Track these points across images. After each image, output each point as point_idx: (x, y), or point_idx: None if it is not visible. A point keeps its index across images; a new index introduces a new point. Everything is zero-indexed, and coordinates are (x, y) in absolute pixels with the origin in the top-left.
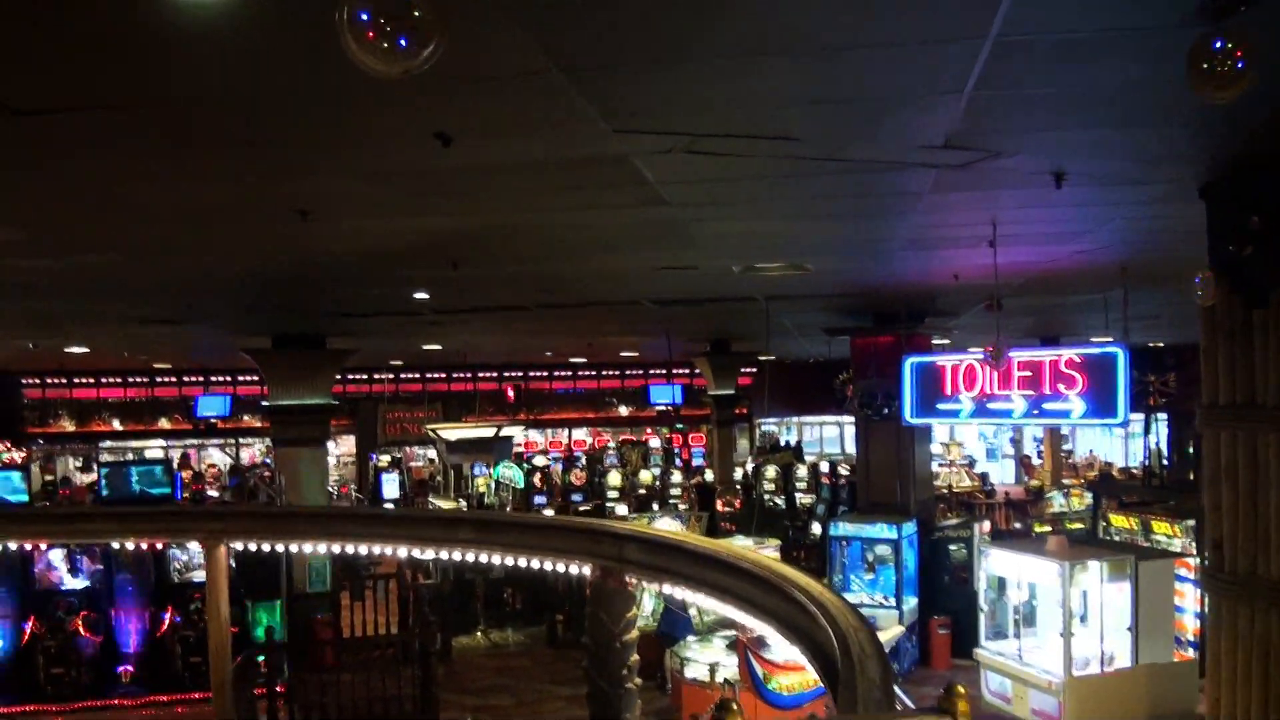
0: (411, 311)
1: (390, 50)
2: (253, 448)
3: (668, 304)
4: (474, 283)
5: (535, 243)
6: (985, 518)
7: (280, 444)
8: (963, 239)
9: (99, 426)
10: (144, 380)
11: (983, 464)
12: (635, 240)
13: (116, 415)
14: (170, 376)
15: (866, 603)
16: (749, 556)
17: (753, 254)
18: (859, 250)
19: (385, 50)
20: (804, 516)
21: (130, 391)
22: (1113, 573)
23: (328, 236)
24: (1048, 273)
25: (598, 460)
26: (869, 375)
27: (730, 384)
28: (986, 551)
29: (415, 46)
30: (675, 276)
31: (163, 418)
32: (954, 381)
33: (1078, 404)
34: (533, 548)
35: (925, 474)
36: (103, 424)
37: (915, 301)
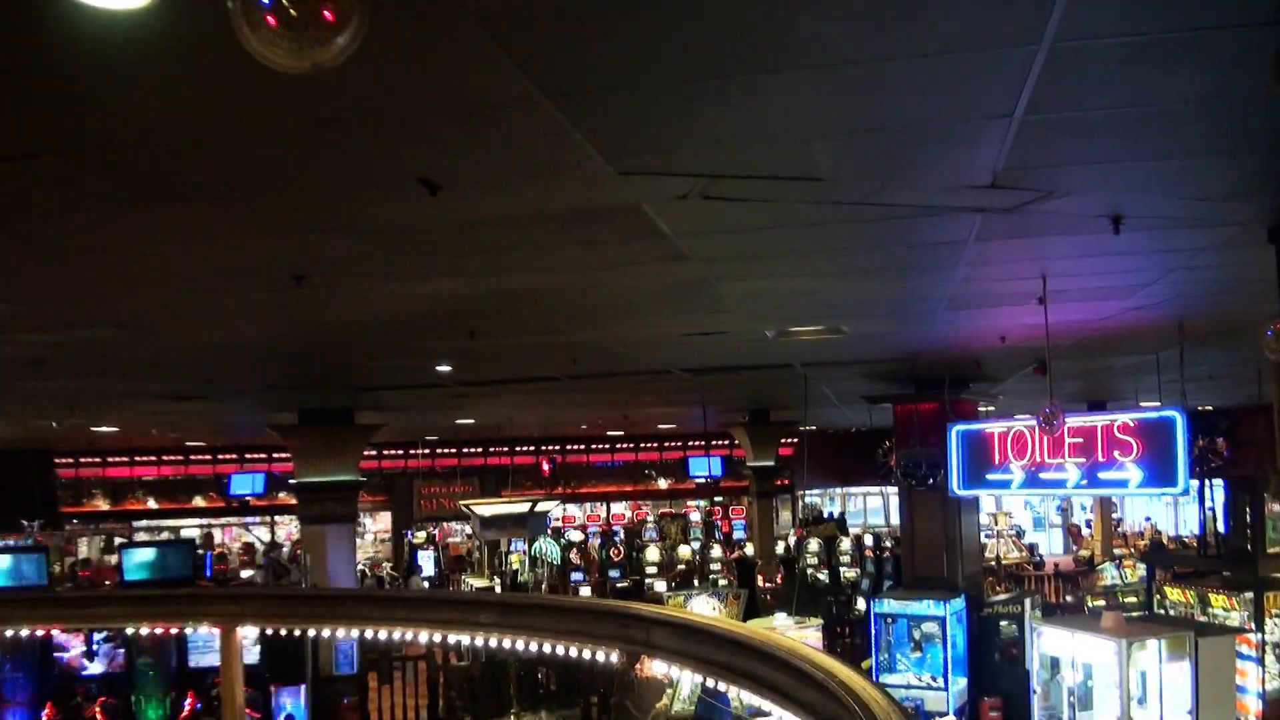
0: (436, 384)
1: (297, 37)
2: (290, 525)
3: (701, 373)
4: (496, 353)
5: (552, 308)
6: (1035, 591)
7: (307, 522)
8: (1010, 296)
9: (133, 505)
10: (178, 458)
11: (1030, 534)
12: (659, 302)
13: (151, 494)
14: (205, 454)
15: (913, 683)
16: (784, 645)
17: (784, 317)
18: (898, 310)
19: (290, 37)
20: (848, 591)
21: (164, 470)
22: (1172, 650)
23: (331, 304)
24: (1100, 332)
25: (636, 534)
26: (912, 444)
27: (770, 454)
28: (1039, 630)
29: (327, 31)
30: (706, 343)
31: (198, 496)
32: (1003, 450)
33: (1134, 472)
34: (557, 632)
35: (973, 546)
36: (137, 503)
37: (959, 366)
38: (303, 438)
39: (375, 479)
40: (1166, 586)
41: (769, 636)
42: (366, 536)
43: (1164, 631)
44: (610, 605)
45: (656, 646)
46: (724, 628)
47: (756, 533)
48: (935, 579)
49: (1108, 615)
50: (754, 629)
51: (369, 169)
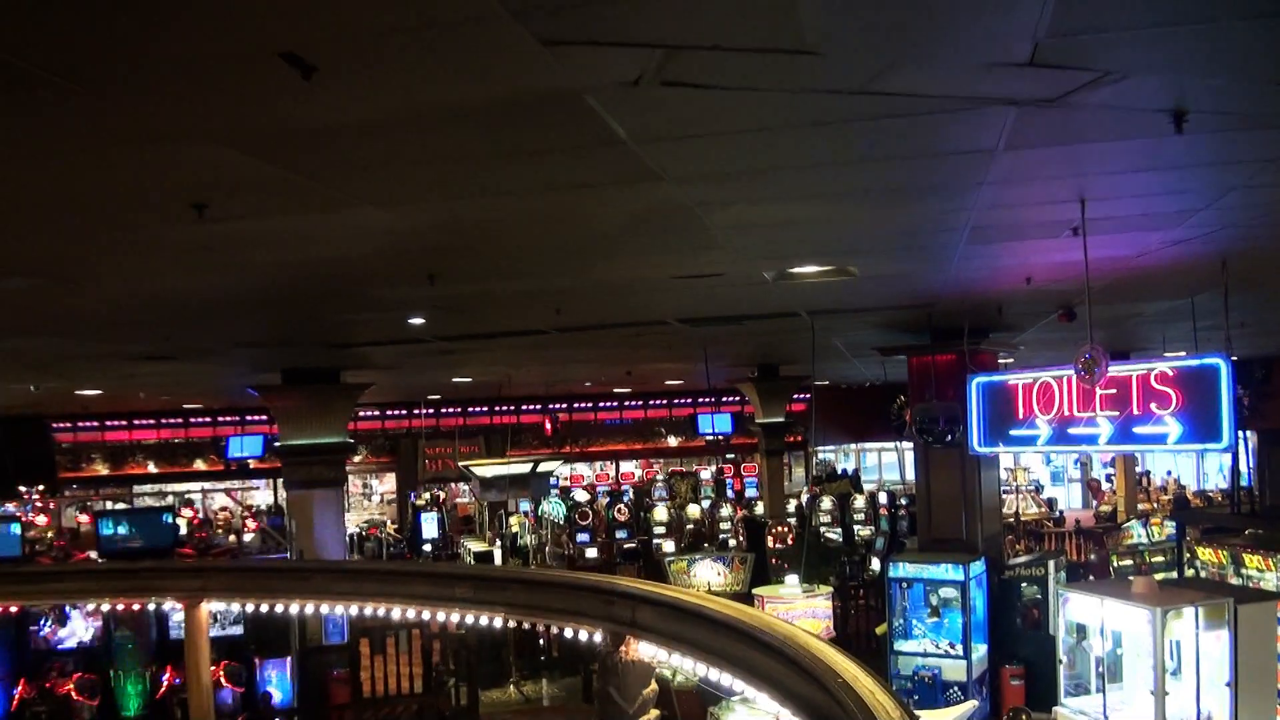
0: (416, 339)
1: None
2: None
3: (699, 323)
4: (468, 303)
5: (512, 246)
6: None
7: (293, 486)
8: (1041, 226)
9: (133, 469)
10: (178, 421)
11: (1048, 489)
12: (636, 237)
13: (151, 458)
14: (205, 417)
15: (930, 650)
16: (783, 633)
17: (783, 254)
18: (913, 246)
19: None
20: (862, 551)
21: (163, 433)
22: (1209, 619)
23: (254, 243)
24: (1135, 272)
25: (646, 493)
26: (928, 398)
27: (779, 411)
28: (1065, 596)
29: None
30: (701, 289)
31: (199, 459)
32: (1028, 403)
33: (1173, 426)
34: (536, 608)
35: (993, 505)
36: (137, 466)
37: (979, 314)
38: (286, 398)
39: (379, 440)
40: (1197, 546)
41: (768, 623)
42: (374, 498)
43: (1201, 598)
44: (593, 580)
45: (643, 627)
46: (717, 609)
47: (766, 491)
48: (953, 540)
49: (1139, 580)
50: (750, 612)
51: (227, 41)
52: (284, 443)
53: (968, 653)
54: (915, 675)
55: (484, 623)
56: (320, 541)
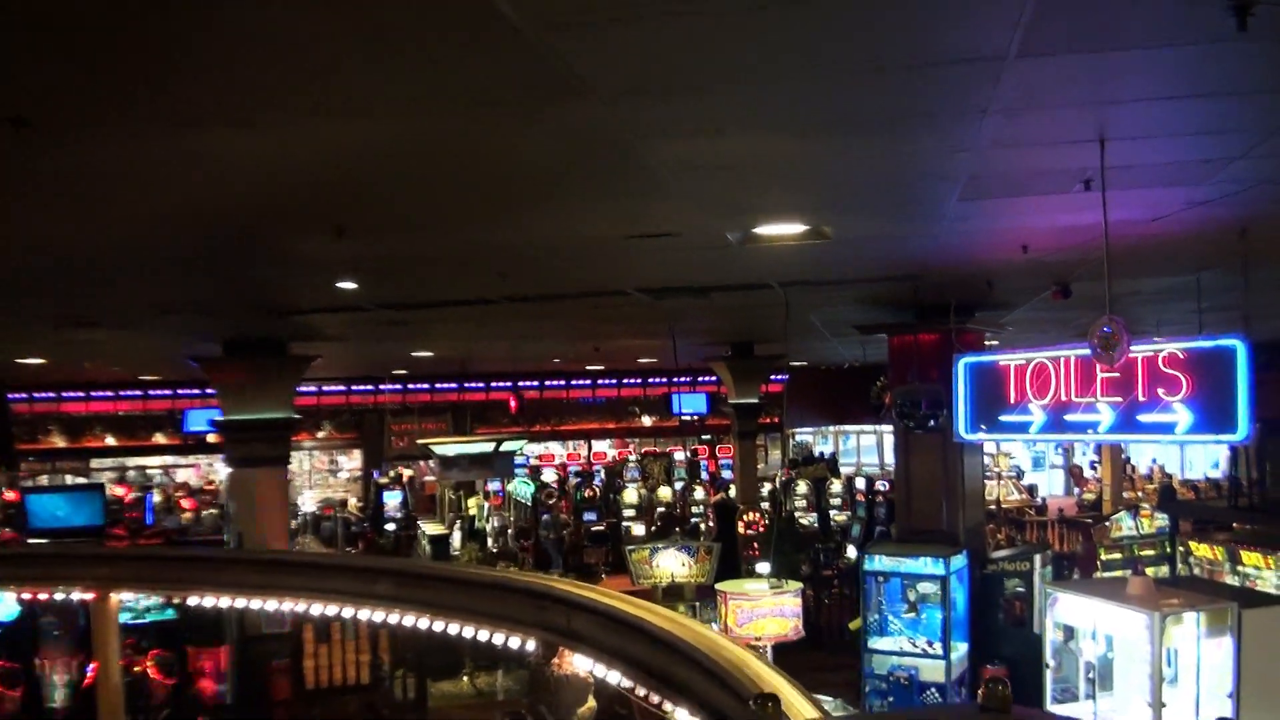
0: (356, 307)
1: None
2: None
3: (662, 294)
4: (397, 265)
5: (422, 187)
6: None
7: (234, 464)
8: (1047, 176)
9: (91, 442)
10: (136, 393)
11: (1028, 475)
12: (570, 179)
13: (110, 430)
14: (164, 389)
15: (907, 649)
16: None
17: (746, 206)
18: (897, 199)
19: None
20: (837, 538)
21: (122, 405)
22: (1211, 624)
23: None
24: (1145, 240)
25: (618, 474)
26: (910, 380)
27: (753, 392)
28: (1054, 596)
29: None
30: (659, 253)
31: (158, 433)
32: (1020, 386)
33: (1183, 414)
34: (464, 611)
35: (976, 494)
36: (95, 439)
37: (967, 288)
38: (227, 370)
39: (344, 415)
40: (1192, 541)
41: (714, 645)
42: (340, 474)
43: (1203, 602)
44: (527, 582)
45: (579, 637)
46: (657, 624)
47: (739, 475)
48: (933, 531)
49: (1135, 581)
50: (698, 631)
51: None
52: (225, 418)
53: (947, 652)
54: (891, 675)
55: (407, 623)
56: (263, 524)
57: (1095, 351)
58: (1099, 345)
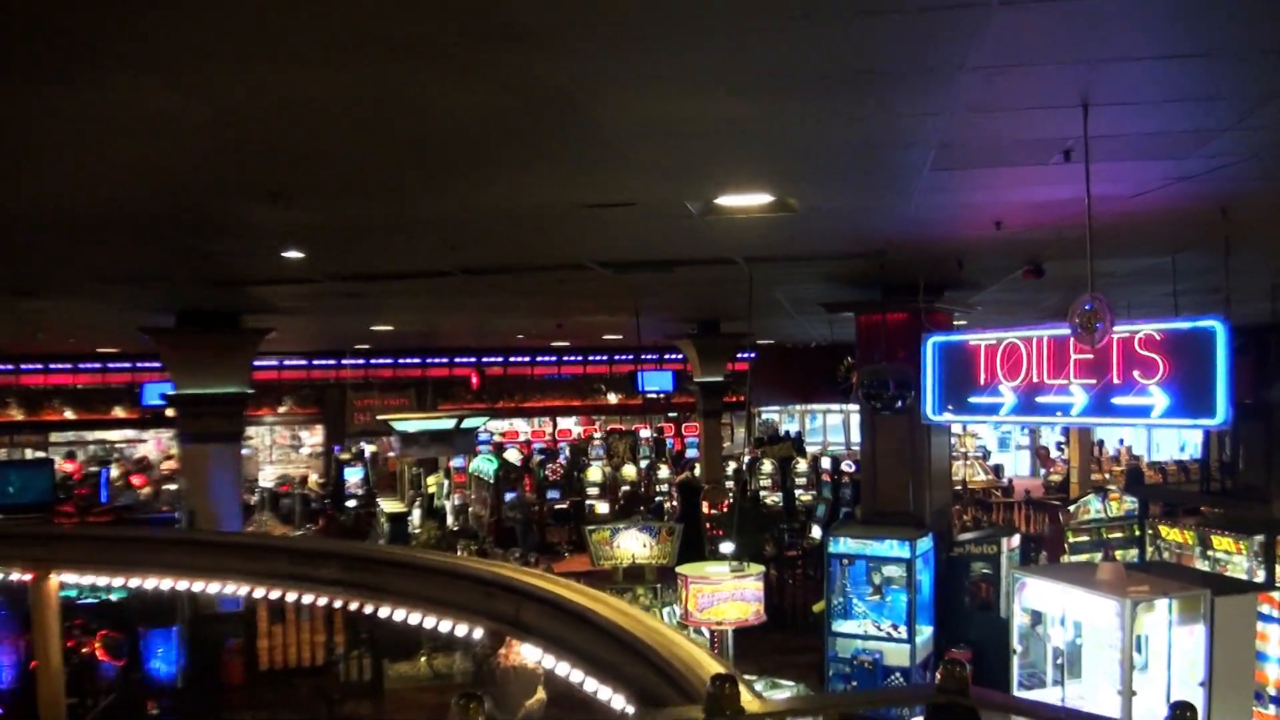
0: (306, 279)
1: None
2: None
3: (624, 269)
4: (341, 234)
5: (352, 147)
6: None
7: (186, 440)
8: (1026, 144)
9: (50, 415)
10: (95, 366)
11: (994, 455)
12: (512, 138)
13: (69, 404)
14: (123, 362)
15: (872, 632)
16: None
17: (705, 173)
18: (866, 168)
19: None
20: (802, 518)
21: (81, 378)
22: (1184, 612)
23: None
24: (1122, 218)
25: (582, 451)
26: (877, 360)
27: (719, 370)
28: (1022, 581)
29: None
30: (617, 224)
31: (117, 406)
32: (990, 367)
33: (1159, 398)
34: (411, 597)
35: (943, 475)
36: (54, 413)
37: (937, 267)
38: (179, 343)
39: (305, 390)
40: (1162, 525)
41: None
42: (303, 450)
43: (1176, 589)
44: (476, 569)
45: (527, 627)
46: (604, 615)
47: (703, 453)
48: (899, 514)
49: (1105, 566)
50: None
51: None
52: (177, 392)
53: (912, 636)
54: (855, 659)
55: (353, 608)
56: (215, 501)
57: (1075, 331)
58: (1080, 324)
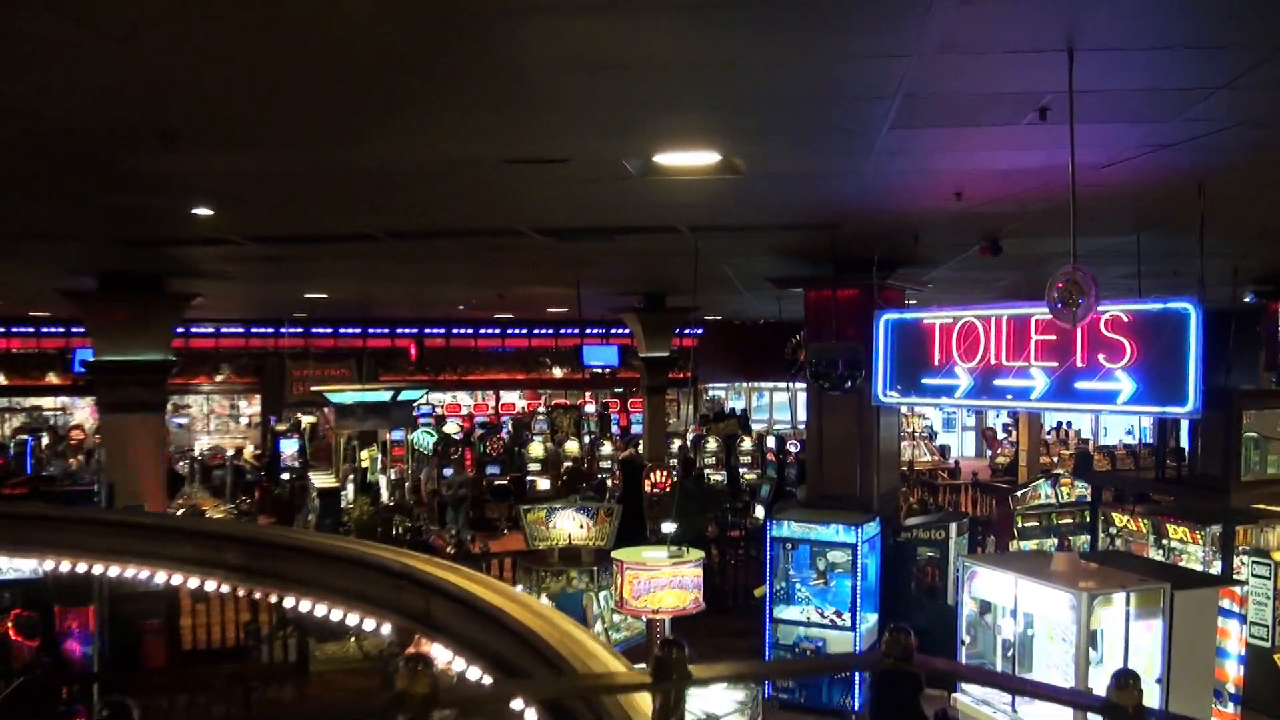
0: (226, 240)
1: None
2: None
3: (563, 236)
4: (254, 189)
5: (255, 85)
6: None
7: (106, 410)
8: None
9: None
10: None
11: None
12: (419, 75)
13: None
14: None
15: (815, 619)
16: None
17: (641, 124)
18: (821, 123)
19: None
20: (746, 497)
21: (14, 342)
22: (1141, 606)
23: None
24: (1091, 190)
25: (526, 426)
26: (826, 338)
27: (664, 345)
28: (972, 569)
29: None
30: (551, 185)
31: (51, 372)
32: (946, 347)
33: (1125, 383)
34: (318, 587)
35: (891, 456)
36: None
37: (891, 241)
38: (100, 307)
39: (244, 358)
40: (1115, 513)
41: (578, 648)
42: (241, 420)
43: (1133, 582)
44: (383, 557)
45: (436, 626)
46: (516, 617)
47: (647, 430)
48: (846, 497)
49: (1060, 557)
50: (562, 626)
51: None
52: (96, 359)
53: (855, 623)
54: (797, 647)
55: (257, 598)
56: (136, 474)
57: (1055, 308)
58: (1060, 299)
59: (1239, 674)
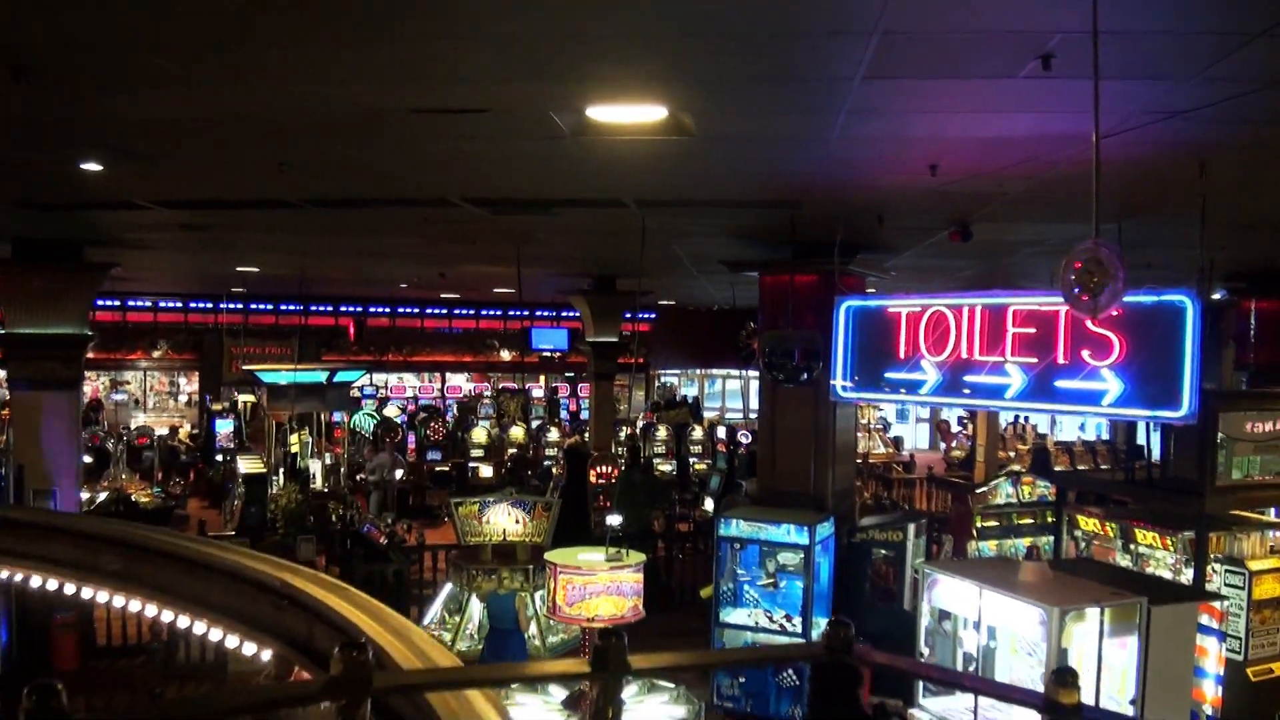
0: (131, 204)
1: None
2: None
3: (497, 208)
4: (140, 140)
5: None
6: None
7: (17, 386)
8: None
9: None
10: None
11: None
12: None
13: None
14: None
15: (764, 624)
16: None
17: (568, 59)
18: (781, 61)
19: None
20: (696, 489)
21: None
22: (1116, 622)
23: None
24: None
25: (471, 410)
26: (782, 325)
27: (613, 330)
28: (933, 576)
29: None
30: (475, 144)
31: None
32: (912, 339)
33: (1112, 383)
34: (192, 600)
35: (848, 450)
36: None
37: (855, 222)
38: (10, 275)
39: (182, 334)
40: (1080, 515)
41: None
42: (180, 398)
43: (1107, 596)
44: (262, 571)
45: (319, 657)
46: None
47: (593, 418)
48: (798, 494)
49: (1029, 567)
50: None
51: None
52: (7, 331)
53: (807, 629)
54: None
55: (134, 608)
56: (48, 455)
57: (1071, 293)
58: (1078, 282)
59: (1217, 694)
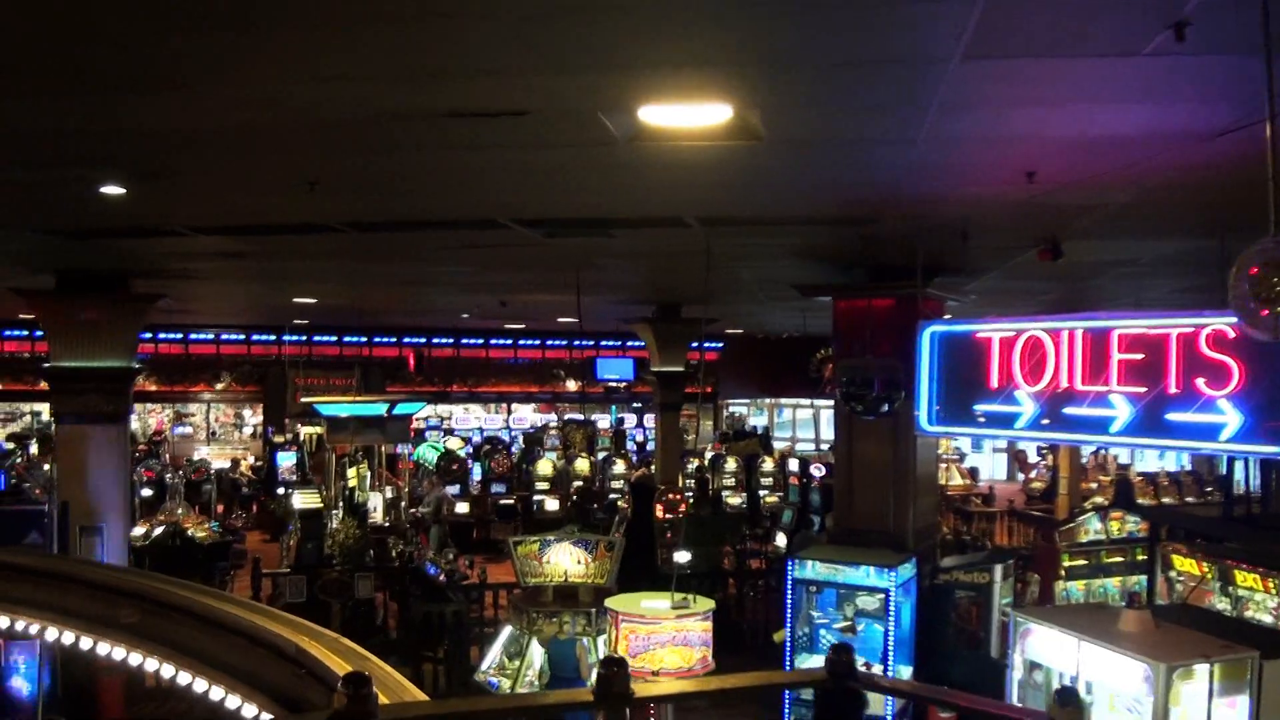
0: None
1: None
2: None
3: (552, 229)
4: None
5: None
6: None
7: (63, 420)
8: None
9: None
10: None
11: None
12: None
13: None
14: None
15: None
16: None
17: (620, 48)
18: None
19: None
20: (767, 523)
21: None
22: (1226, 679)
23: None
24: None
25: (537, 441)
26: (858, 353)
27: (679, 359)
28: (1026, 626)
29: None
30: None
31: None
32: (1006, 367)
33: (1231, 415)
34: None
35: (929, 487)
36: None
37: (937, 240)
38: (55, 307)
39: (245, 367)
40: (1174, 555)
41: None
42: (245, 429)
43: (1216, 650)
44: (277, 635)
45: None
46: None
47: (659, 450)
48: (877, 533)
49: (1131, 616)
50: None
51: None
52: (52, 364)
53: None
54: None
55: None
56: (93, 491)
57: (1243, 310)
58: (1253, 294)
59: None
